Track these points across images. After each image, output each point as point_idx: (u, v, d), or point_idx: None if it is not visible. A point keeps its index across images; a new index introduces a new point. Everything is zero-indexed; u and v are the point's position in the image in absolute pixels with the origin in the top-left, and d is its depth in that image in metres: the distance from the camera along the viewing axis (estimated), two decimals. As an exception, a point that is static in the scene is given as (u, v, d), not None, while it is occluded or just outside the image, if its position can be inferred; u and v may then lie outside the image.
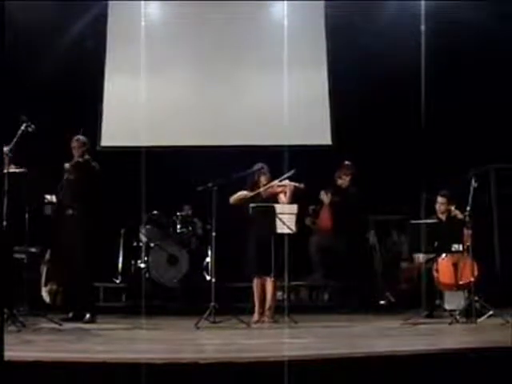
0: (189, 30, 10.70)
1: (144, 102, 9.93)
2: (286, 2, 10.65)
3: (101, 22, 10.57)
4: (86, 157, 6.96)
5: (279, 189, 7.04)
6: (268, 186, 7.06)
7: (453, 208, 7.38)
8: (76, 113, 9.39)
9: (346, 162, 8.58)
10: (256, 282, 6.98)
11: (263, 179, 7.11)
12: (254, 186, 7.12)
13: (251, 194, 7.05)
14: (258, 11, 10.88)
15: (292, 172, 6.98)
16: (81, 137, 7.03)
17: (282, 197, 7.01)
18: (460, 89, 9.68)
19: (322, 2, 10.82)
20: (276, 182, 7.05)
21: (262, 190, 7.05)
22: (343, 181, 8.58)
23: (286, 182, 7.02)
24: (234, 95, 10.65)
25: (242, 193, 7.09)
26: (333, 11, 10.61)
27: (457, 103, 9.67)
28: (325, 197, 8.62)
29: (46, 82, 9.88)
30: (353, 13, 10.24)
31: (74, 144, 6.98)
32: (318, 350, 4.49)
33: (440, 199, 7.47)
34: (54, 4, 9.89)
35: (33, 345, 4.80)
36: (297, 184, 6.98)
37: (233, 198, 7.10)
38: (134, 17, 10.40)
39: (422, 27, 9.40)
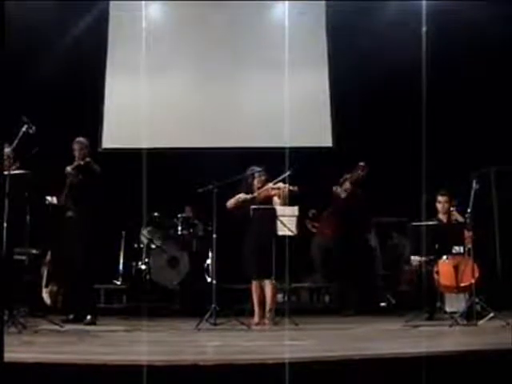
0: (190, 30, 10.73)
1: (145, 103, 9.94)
2: (286, 2, 10.66)
3: (102, 22, 10.59)
4: (87, 159, 6.95)
5: (273, 191, 7.03)
6: (263, 189, 7.05)
7: (454, 211, 7.37)
8: (77, 114, 9.40)
9: (361, 163, 8.45)
10: (255, 285, 6.98)
11: (257, 182, 7.12)
12: (249, 188, 7.13)
13: (248, 196, 7.05)
14: (259, 12, 10.90)
15: (287, 174, 6.97)
16: (81, 139, 7.02)
17: (276, 199, 7.01)
18: (461, 90, 9.68)
19: (323, 3, 10.85)
20: (270, 185, 7.05)
21: (256, 194, 7.06)
22: (354, 182, 8.46)
23: (281, 184, 7.02)
24: (235, 96, 10.68)
25: (240, 196, 7.09)
26: (334, 12, 10.63)
27: (458, 104, 9.67)
28: (339, 189, 8.48)
29: (47, 83, 9.90)
30: (354, 14, 10.24)
31: (75, 146, 6.97)
32: (318, 352, 4.49)
33: (441, 198, 7.45)
34: (55, 4, 9.92)
35: (33, 346, 4.80)
36: (291, 187, 6.97)
37: (230, 202, 7.11)
38: (135, 18, 10.41)
39: (424, 29, 9.40)
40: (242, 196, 7.10)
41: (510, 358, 3.93)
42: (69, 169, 6.89)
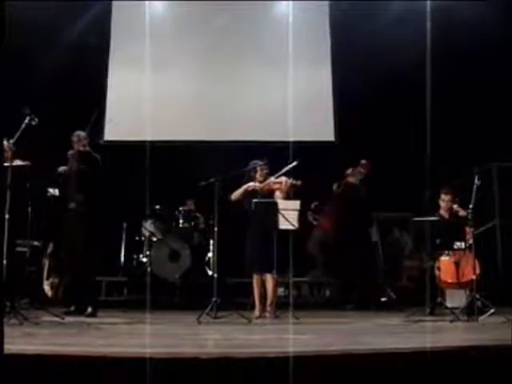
0: (193, 25, 10.71)
1: (148, 97, 9.94)
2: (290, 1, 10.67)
3: (105, 16, 10.58)
4: (87, 148, 6.97)
5: (276, 185, 7.03)
6: (265, 182, 7.06)
7: (455, 206, 7.37)
8: (80, 107, 9.39)
9: (363, 161, 8.37)
10: (256, 279, 6.99)
11: (259, 175, 7.12)
12: (251, 182, 7.14)
13: (258, 185, 7.05)
14: (263, 8, 10.88)
15: (290, 166, 6.97)
16: (80, 132, 7.03)
17: (277, 193, 7.01)
18: (463, 86, 9.67)
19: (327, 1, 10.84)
20: (272, 179, 7.05)
21: (258, 187, 7.06)
22: (355, 178, 8.42)
23: (283, 178, 7.02)
24: (238, 91, 10.67)
25: (250, 184, 7.08)
26: (337, 9, 10.61)
27: (460, 100, 9.66)
28: (335, 186, 8.47)
29: (51, 76, 9.89)
30: (357, 11, 10.22)
31: (74, 139, 6.99)
32: (318, 347, 4.49)
33: (445, 197, 7.44)
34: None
35: (34, 338, 4.81)
36: (294, 181, 6.97)
37: (236, 193, 7.11)
38: (138, 12, 10.40)
39: (428, 24, 9.39)
40: (251, 184, 7.09)
41: (509, 354, 3.93)
42: (70, 152, 6.92)
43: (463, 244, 6.81)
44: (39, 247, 8.17)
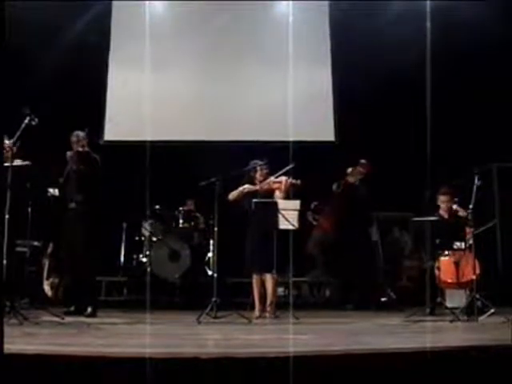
0: (193, 25, 10.70)
1: (148, 97, 9.94)
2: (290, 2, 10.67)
3: (105, 17, 10.58)
4: (86, 149, 6.97)
5: (275, 185, 7.04)
6: (265, 182, 7.06)
7: (455, 206, 7.36)
8: (80, 107, 9.40)
9: (362, 161, 8.35)
10: (256, 279, 6.99)
11: (259, 175, 7.13)
12: (251, 182, 7.14)
13: (253, 187, 7.06)
14: (263, 8, 10.88)
15: (289, 167, 6.98)
16: (80, 132, 7.03)
17: (277, 193, 7.01)
18: (463, 86, 9.67)
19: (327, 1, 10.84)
20: (272, 179, 7.06)
21: (258, 187, 7.07)
22: (354, 178, 8.40)
23: (282, 178, 7.02)
24: (238, 91, 10.66)
25: (245, 186, 7.09)
26: (337, 9, 10.61)
27: (460, 100, 9.66)
28: (335, 186, 8.48)
29: (51, 77, 9.89)
30: (357, 11, 10.22)
31: (74, 139, 6.99)
32: (318, 347, 4.49)
33: (443, 197, 7.44)
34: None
35: (34, 338, 4.81)
36: (293, 180, 6.98)
37: (233, 194, 7.11)
38: (138, 11, 10.40)
39: (428, 24, 9.39)
40: (247, 187, 7.10)
41: (509, 354, 3.93)
42: (69, 153, 6.93)
43: (463, 244, 6.81)
44: (39, 247, 8.18)
